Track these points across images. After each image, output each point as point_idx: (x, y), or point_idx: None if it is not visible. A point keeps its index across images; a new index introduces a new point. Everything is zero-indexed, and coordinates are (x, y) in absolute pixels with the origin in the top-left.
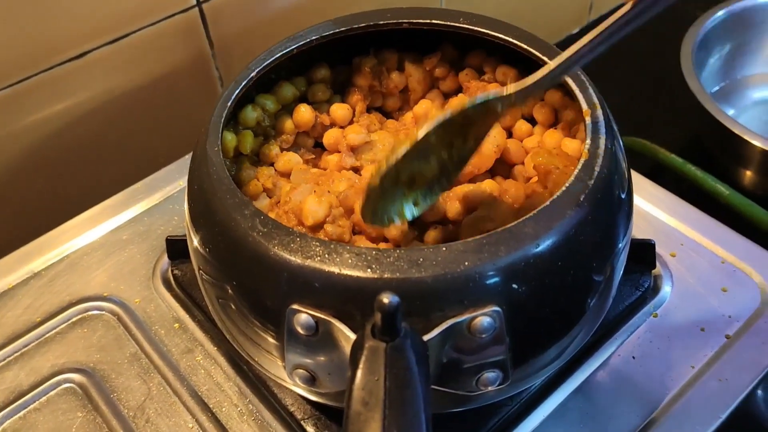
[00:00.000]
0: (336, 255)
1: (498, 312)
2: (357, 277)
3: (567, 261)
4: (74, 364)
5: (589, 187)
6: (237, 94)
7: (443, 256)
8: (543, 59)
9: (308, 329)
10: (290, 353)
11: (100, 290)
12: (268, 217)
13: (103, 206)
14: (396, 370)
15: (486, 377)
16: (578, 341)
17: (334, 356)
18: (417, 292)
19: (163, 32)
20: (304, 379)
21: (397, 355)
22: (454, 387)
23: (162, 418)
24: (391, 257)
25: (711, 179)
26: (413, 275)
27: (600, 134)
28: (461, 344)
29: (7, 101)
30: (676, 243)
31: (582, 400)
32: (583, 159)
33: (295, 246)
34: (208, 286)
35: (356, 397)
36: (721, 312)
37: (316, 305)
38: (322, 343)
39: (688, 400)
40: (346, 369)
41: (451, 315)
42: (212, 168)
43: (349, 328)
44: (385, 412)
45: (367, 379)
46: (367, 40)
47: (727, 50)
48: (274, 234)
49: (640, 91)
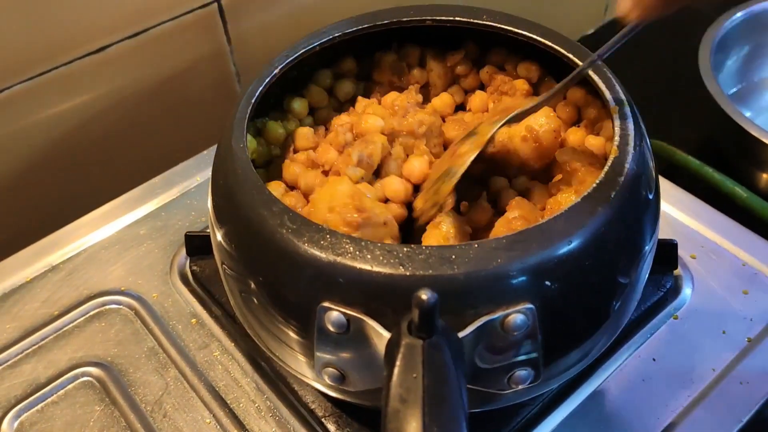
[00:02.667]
0: (367, 252)
1: (531, 309)
2: (389, 274)
3: (598, 258)
4: (92, 358)
5: (619, 185)
6: (261, 91)
7: (475, 253)
8: (568, 56)
9: (339, 327)
10: (320, 351)
11: (117, 284)
12: (297, 214)
13: (120, 201)
14: (434, 367)
15: (518, 375)
16: (606, 339)
17: (365, 354)
18: (450, 289)
19: (182, 27)
20: (333, 378)
21: (434, 352)
22: (486, 385)
23: (179, 413)
24: (423, 254)
25: (729, 182)
26: (446, 272)
27: (629, 131)
28: (494, 342)
29: (27, 94)
30: (696, 245)
31: (602, 402)
32: (613, 156)
33: (326, 243)
34: (231, 281)
35: (394, 394)
36: (742, 315)
37: (347, 303)
38: (353, 341)
39: (709, 403)
40: (377, 367)
41: (484, 312)
42: (238, 164)
43: (381, 325)
44: (424, 409)
45: (404, 376)
46: (390, 37)
47: (745, 52)
48: (303, 231)
49: (658, 93)
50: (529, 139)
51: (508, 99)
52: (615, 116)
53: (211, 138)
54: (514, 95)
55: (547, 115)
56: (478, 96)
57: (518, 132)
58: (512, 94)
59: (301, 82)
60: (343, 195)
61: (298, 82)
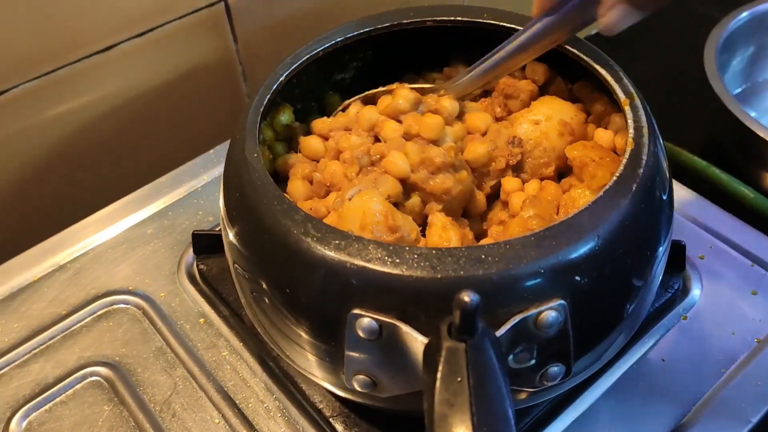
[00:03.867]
0: (396, 257)
1: (563, 305)
2: (421, 278)
3: (623, 250)
4: (100, 358)
5: (639, 176)
6: (269, 99)
7: (506, 252)
8: (573, 52)
9: (371, 334)
10: (351, 359)
11: (125, 284)
12: (320, 222)
13: (127, 200)
14: (479, 368)
15: (550, 372)
16: (629, 331)
17: (399, 359)
18: (482, 290)
19: (189, 26)
20: (364, 384)
21: (477, 354)
22: (519, 383)
23: (188, 413)
24: (453, 256)
25: (735, 182)
26: (478, 273)
27: (642, 123)
28: (528, 339)
29: (34, 93)
30: (704, 245)
31: (612, 402)
32: (630, 148)
33: (353, 249)
34: (254, 296)
35: (439, 399)
36: (751, 316)
37: (379, 309)
38: (386, 347)
39: (719, 404)
40: (410, 372)
41: (518, 311)
42: (255, 175)
43: (415, 329)
44: (472, 411)
45: (449, 380)
46: (391, 40)
47: (750, 52)
48: (329, 238)
49: (663, 93)
50: (565, 134)
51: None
52: (627, 109)
53: (217, 137)
54: (518, 98)
55: (575, 109)
56: (479, 117)
57: (553, 129)
58: (516, 97)
59: (303, 86)
60: (375, 213)
61: (300, 87)
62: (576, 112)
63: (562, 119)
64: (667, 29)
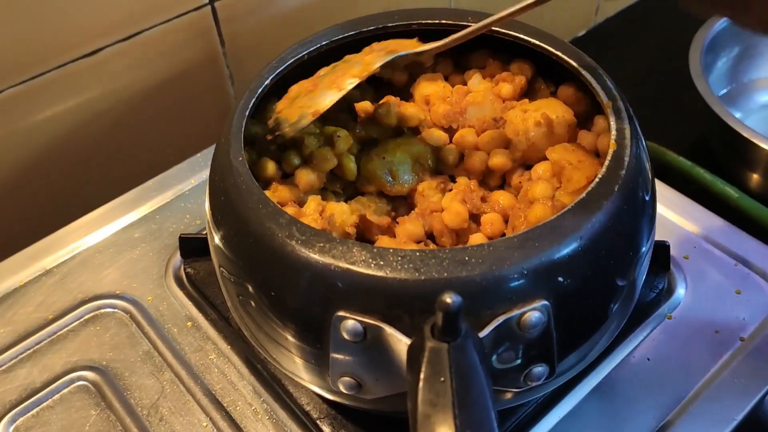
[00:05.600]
0: (380, 258)
1: (546, 306)
2: (405, 280)
3: (607, 250)
4: (87, 362)
5: (621, 177)
6: (253, 103)
7: (489, 254)
8: (557, 55)
9: (356, 336)
10: (336, 361)
11: (112, 288)
12: (305, 225)
13: (114, 204)
14: (461, 369)
15: (534, 372)
16: (613, 331)
17: (383, 361)
18: (466, 291)
19: (176, 30)
20: (349, 386)
21: (460, 355)
22: (503, 384)
23: (176, 417)
24: (437, 258)
25: (720, 182)
26: (461, 275)
27: (624, 125)
28: (512, 340)
29: (20, 98)
30: (689, 245)
31: (598, 402)
32: (612, 150)
33: (337, 252)
34: (239, 298)
35: (423, 399)
36: (735, 315)
37: (363, 311)
38: (371, 349)
39: (704, 402)
40: (395, 373)
41: (501, 312)
42: (240, 179)
43: (399, 331)
44: (455, 412)
45: (432, 380)
46: None
47: (735, 53)
48: (313, 241)
49: (648, 94)
50: (542, 125)
51: (395, 42)
52: (609, 111)
53: (205, 141)
54: (512, 82)
55: (565, 109)
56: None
57: (535, 116)
58: (510, 82)
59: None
60: None
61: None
62: (565, 111)
63: (545, 112)
64: (652, 30)
